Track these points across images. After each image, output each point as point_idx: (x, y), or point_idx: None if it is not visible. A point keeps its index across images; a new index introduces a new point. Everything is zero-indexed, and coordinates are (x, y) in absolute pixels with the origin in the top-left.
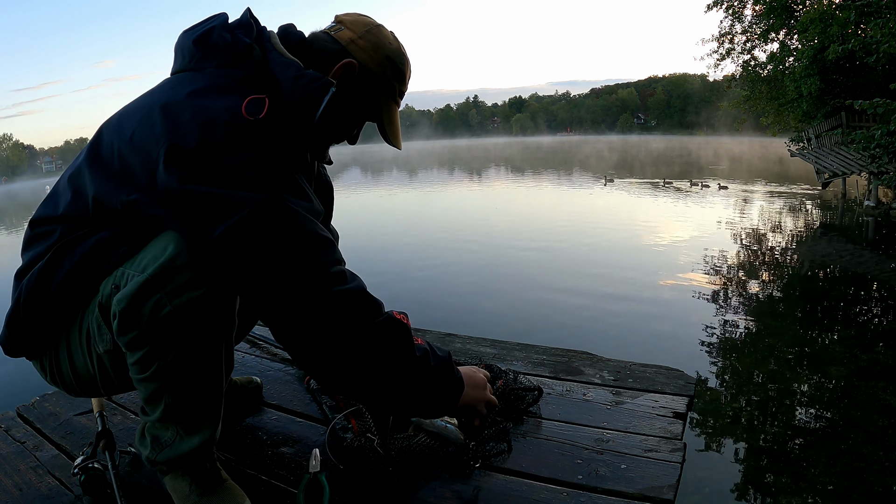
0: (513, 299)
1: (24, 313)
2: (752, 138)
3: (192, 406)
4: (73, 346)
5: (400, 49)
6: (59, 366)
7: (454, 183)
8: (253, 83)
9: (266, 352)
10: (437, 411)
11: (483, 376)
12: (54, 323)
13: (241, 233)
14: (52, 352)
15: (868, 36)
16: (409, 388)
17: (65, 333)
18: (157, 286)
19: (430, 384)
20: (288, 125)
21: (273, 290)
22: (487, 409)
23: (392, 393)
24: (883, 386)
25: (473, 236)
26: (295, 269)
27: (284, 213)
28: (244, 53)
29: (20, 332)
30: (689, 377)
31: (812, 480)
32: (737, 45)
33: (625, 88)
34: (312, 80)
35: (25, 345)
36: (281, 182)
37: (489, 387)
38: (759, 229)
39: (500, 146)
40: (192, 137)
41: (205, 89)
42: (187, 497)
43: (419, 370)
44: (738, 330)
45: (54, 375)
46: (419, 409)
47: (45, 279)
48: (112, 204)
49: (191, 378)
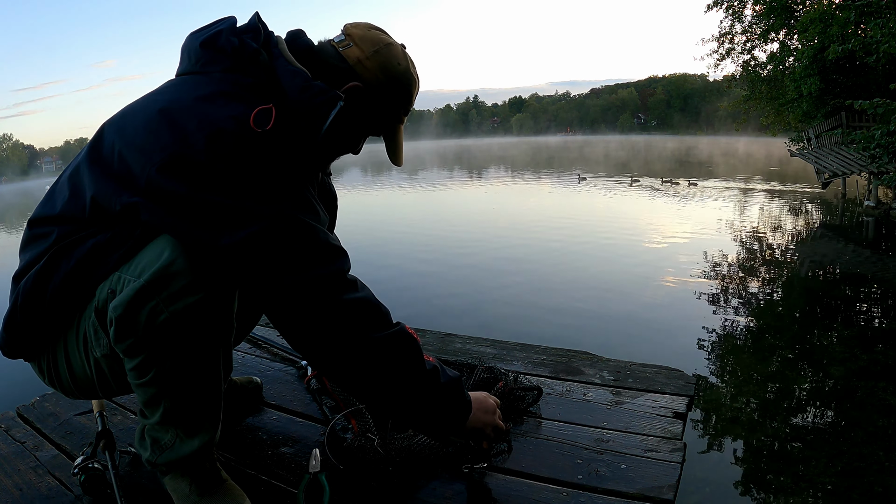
0: (513, 299)
1: (22, 317)
2: (753, 138)
3: (192, 410)
4: (70, 350)
5: (408, 70)
6: (57, 368)
7: (454, 183)
8: (259, 90)
9: (266, 352)
10: (444, 429)
11: (493, 402)
12: (51, 327)
13: (254, 244)
14: (49, 354)
15: (868, 36)
16: (416, 399)
17: (62, 337)
18: (154, 292)
19: (438, 400)
20: (294, 137)
21: (286, 298)
22: (495, 434)
23: (399, 402)
24: (883, 386)
25: (473, 236)
26: (307, 278)
27: (297, 226)
28: (251, 58)
29: (17, 335)
30: (689, 377)
31: (812, 480)
32: (737, 45)
33: (625, 88)
34: (320, 93)
35: (23, 347)
36: (292, 194)
37: (499, 413)
38: (758, 229)
39: (504, 146)
40: (199, 146)
41: (211, 95)
42: (187, 497)
43: (427, 384)
44: (738, 330)
45: (52, 378)
46: (425, 424)
47: (42, 283)
48: (110, 205)
49: (189, 383)
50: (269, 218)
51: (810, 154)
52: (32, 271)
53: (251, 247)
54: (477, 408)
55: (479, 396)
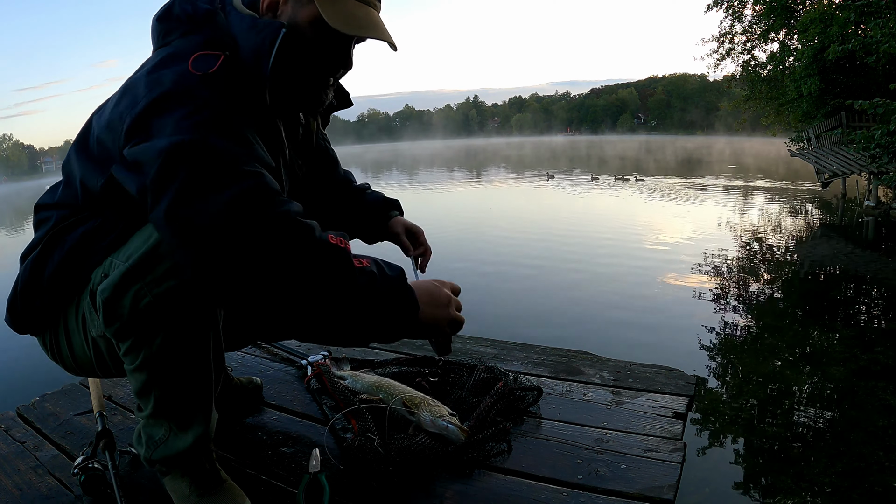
0: (513, 299)
1: (21, 300)
2: (753, 138)
3: (181, 399)
4: (70, 328)
5: None
6: (59, 345)
7: (455, 183)
8: (212, 45)
9: (266, 352)
10: (392, 332)
11: (447, 294)
12: (51, 308)
13: (158, 178)
14: (52, 331)
15: (868, 36)
16: (350, 312)
17: (63, 315)
18: (139, 276)
19: (375, 306)
20: (243, 78)
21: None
22: (452, 329)
23: (332, 320)
24: (883, 386)
25: (473, 236)
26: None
27: (200, 149)
28: (205, 19)
29: (21, 313)
30: (688, 377)
31: (812, 480)
32: (737, 45)
33: (625, 88)
34: (265, 27)
35: (28, 324)
36: (211, 126)
37: (455, 302)
38: (758, 229)
39: (511, 146)
40: (141, 104)
41: (162, 60)
42: (187, 498)
43: (360, 293)
44: (738, 330)
45: (55, 354)
46: (368, 333)
47: (39, 268)
48: (94, 186)
49: (178, 369)
50: (167, 147)
51: (810, 154)
52: (30, 257)
53: (156, 181)
54: (427, 302)
55: (429, 289)
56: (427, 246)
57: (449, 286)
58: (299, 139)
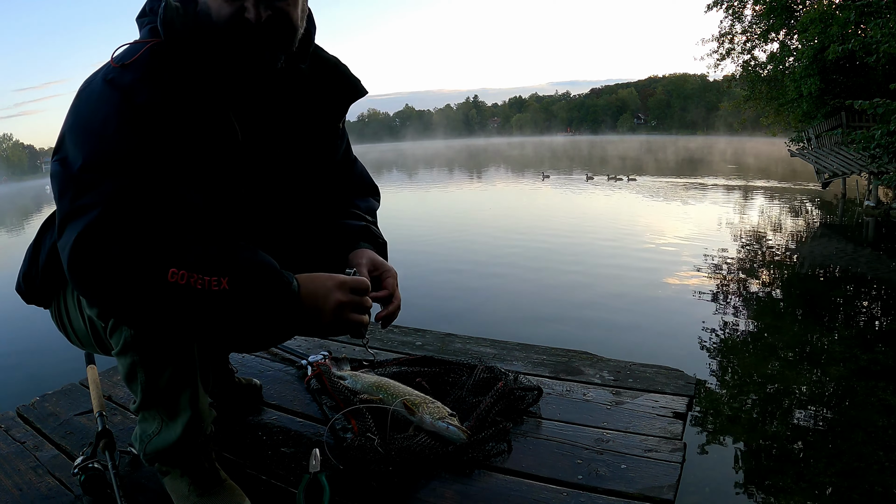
0: (513, 299)
1: (24, 283)
2: (754, 138)
3: (166, 383)
4: (69, 305)
5: None
6: (62, 320)
7: (454, 183)
8: (155, 33)
9: (266, 352)
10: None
11: (335, 276)
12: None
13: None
14: (56, 306)
15: (868, 36)
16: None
17: (63, 293)
18: None
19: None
20: (176, 61)
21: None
22: (340, 312)
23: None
24: (883, 386)
25: (473, 236)
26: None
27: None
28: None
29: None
30: (688, 377)
31: (812, 480)
32: (737, 45)
33: (625, 88)
34: (200, 5)
35: (35, 297)
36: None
37: (347, 284)
38: (758, 229)
39: (513, 145)
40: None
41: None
42: (187, 497)
43: (218, 301)
44: (738, 330)
45: (62, 326)
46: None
47: (35, 253)
48: None
49: (159, 348)
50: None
51: (810, 154)
52: (30, 244)
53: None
54: (306, 280)
55: (310, 274)
56: (393, 291)
57: (336, 280)
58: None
